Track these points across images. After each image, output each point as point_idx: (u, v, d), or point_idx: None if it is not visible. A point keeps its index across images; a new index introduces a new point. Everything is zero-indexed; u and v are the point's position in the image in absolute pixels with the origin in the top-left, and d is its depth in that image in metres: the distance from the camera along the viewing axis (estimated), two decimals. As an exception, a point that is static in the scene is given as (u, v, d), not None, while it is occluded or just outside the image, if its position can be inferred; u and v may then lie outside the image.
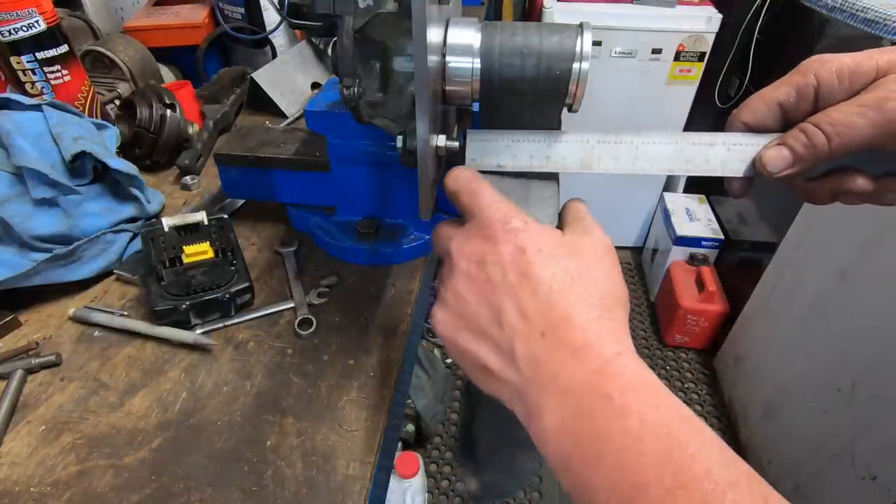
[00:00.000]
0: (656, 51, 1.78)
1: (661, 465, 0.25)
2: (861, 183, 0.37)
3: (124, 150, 0.83)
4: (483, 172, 0.42)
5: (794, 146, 0.36)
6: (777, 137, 0.38)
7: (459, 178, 0.37)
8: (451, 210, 0.67)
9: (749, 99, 0.39)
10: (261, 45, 1.14)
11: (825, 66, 0.36)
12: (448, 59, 0.39)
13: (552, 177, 0.42)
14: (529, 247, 0.32)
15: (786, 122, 0.38)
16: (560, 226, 0.37)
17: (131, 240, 0.70)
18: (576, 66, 0.38)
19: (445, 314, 0.34)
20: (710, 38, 1.75)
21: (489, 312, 0.32)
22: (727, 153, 0.39)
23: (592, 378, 0.28)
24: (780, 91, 0.38)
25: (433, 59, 0.36)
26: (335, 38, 0.49)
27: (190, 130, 0.88)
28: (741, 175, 0.40)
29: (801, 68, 0.37)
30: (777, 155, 0.37)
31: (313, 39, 1.11)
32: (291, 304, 0.64)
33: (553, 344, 0.30)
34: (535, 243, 0.32)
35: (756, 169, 0.38)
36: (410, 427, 1.53)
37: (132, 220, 0.71)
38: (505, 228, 0.33)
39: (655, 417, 0.27)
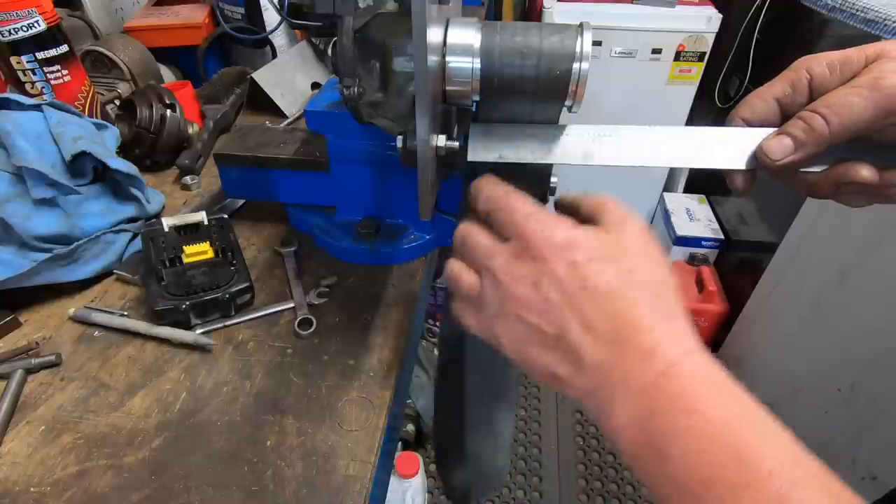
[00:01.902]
0: (656, 51, 1.78)
1: (725, 462, 0.26)
2: (866, 173, 0.37)
3: (124, 150, 0.83)
4: (484, 163, 0.42)
5: (793, 133, 0.37)
6: (773, 132, 0.38)
7: (491, 197, 0.37)
8: (452, 210, 0.67)
9: (747, 97, 0.40)
10: (261, 45, 1.14)
11: (816, 61, 0.37)
12: (448, 59, 0.39)
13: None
14: (580, 258, 0.32)
15: (784, 116, 0.39)
16: (591, 217, 0.36)
17: (131, 240, 0.70)
18: (576, 66, 0.38)
19: (510, 333, 0.35)
20: (710, 38, 1.75)
21: (554, 329, 0.32)
22: (728, 146, 0.39)
23: (660, 380, 0.29)
24: (775, 87, 0.39)
25: (433, 59, 0.36)
26: (335, 38, 0.49)
27: (190, 130, 0.88)
28: (743, 167, 0.39)
29: (793, 66, 0.39)
30: (777, 143, 0.37)
31: (313, 39, 1.11)
32: (291, 304, 0.64)
33: (621, 351, 0.30)
34: (584, 253, 0.32)
35: (758, 159, 0.38)
36: (410, 427, 1.53)
37: (132, 220, 0.71)
38: (550, 244, 0.33)
39: (721, 415, 0.27)
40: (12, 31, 0.71)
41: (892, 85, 0.33)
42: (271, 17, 1.09)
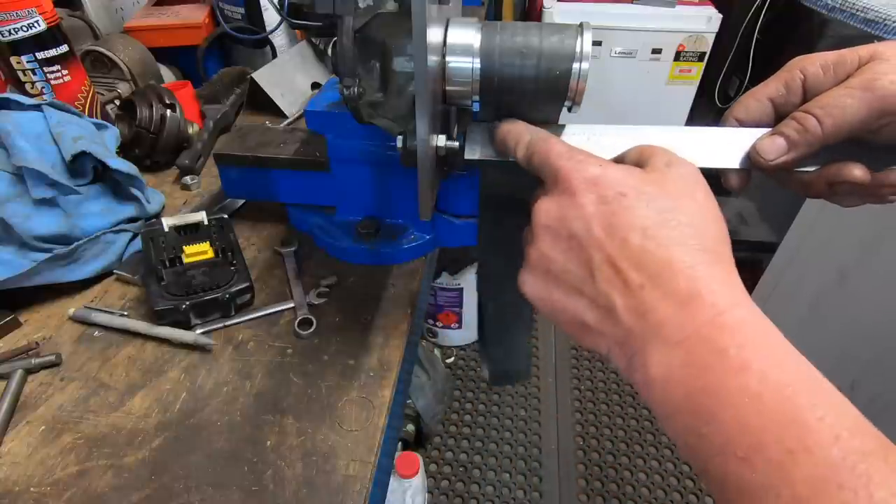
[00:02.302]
0: (656, 51, 1.78)
1: (782, 426, 0.24)
2: (858, 173, 0.37)
3: (124, 150, 0.83)
4: (481, 161, 0.42)
5: (787, 133, 0.37)
6: (766, 132, 0.38)
7: (530, 143, 0.36)
8: (452, 210, 0.67)
9: (741, 97, 0.40)
10: (261, 45, 1.14)
11: (810, 61, 0.38)
12: (448, 59, 0.39)
13: None
14: (610, 193, 0.30)
15: (777, 116, 0.39)
16: (637, 163, 0.34)
17: (131, 240, 0.70)
18: (576, 66, 0.38)
19: (533, 276, 0.33)
20: (710, 38, 1.75)
21: (580, 269, 0.30)
22: (723, 145, 0.40)
23: (705, 331, 0.26)
24: (769, 87, 0.39)
25: (433, 59, 0.36)
26: (335, 38, 0.49)
27: (190, 130, 0.88)
28: (737, 167, 0.40)
29: (787, 66, 0.39)
30: (771, 142, 0.37)
31: (313, 39, 1.11)
32: (291, 304, 0.64)
33: (656, 294, 0.28)
34: (616, 187, 0.30)
35: (751, 159, 0.39)
36: (410, 427, 1.53)
37: (132, 220, 0.71)
38: (581, 177, 0.31)
39: (778, 376, 0.25)
40: (12, 31, 0.71)
41: (885, 86, 0.33)
42: (271, 17, 1.09)
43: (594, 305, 0.30)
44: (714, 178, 0.41)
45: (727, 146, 0.39)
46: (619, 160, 0.36)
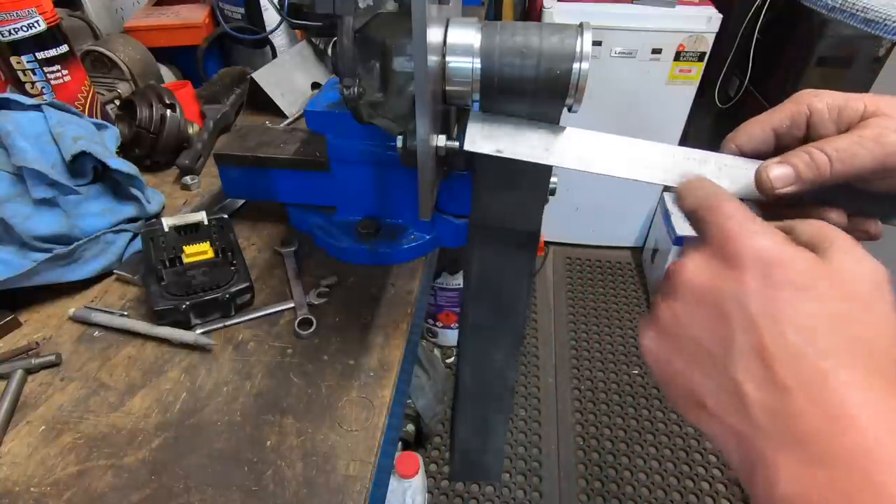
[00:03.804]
0: (656, 51, 1.78)
1: None
2: (835, 217, 0.38)
3: (124, 150, 0.83)
4: (479, 155, 0.41)
5: (797, 164, 0.36)
6: (772, 159, 0.38)
7: (698, 195, 0.32)
8: (452, 210, 0.67)
9: (744, 124, 0.40)
10: (261, 45, 1.14)
11: (818, 98, 0.37)
12: (448, 59, 0.39)
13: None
14: (780, 276, 0.26)
15: (778, 148, 0.39)
16: (811, 244, 0.30)
17: (131, 240, 0.70)
18: (576, 66, 0.38)
19: (656, 333, 0.30)
20: (710, 38, 1.75)
21: (716, 346, 0.27)
22: (718, 172, 0.39)
23: (858, 459, 0.23)
24: (775, 117, 0.39)
25: (433, 59, 0.36)
26: (335, 38, 0.49)
27: (190, 130, 0.88)
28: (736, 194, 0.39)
29: (795, 98, 0.38)
30: (781, 171, 0.37)
31: (313, 39, 1.11)
32: (291, 304, 0.64)
33: (801, 402, 0.24)
34: (787, 272, 0.26)
35: (756, 183, 0.38)
36: (410, 427, 1.53)
37: (132, 220, 0.71)
38: (749, 245, 0.27)
39: None
40: (12, 31, 0.71)
41: (893, 142, 0.34)
42: (271, 17, 1.09)
43: (722, 389, 0.27)
44: None
45: (722, 174, 0.39)
46: (787, 229, 0.31)
